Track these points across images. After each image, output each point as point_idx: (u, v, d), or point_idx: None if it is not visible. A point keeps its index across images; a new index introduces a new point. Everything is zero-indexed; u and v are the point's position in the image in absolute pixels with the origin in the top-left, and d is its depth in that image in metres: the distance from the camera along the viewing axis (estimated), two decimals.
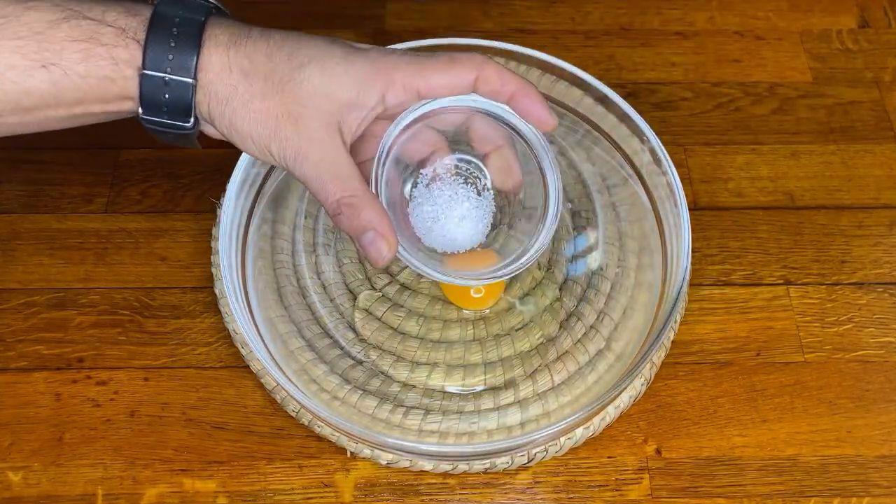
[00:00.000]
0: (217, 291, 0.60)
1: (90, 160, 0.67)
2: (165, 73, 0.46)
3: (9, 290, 0.62)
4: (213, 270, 0.61)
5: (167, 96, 0.46)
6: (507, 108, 0.51)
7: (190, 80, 0.46)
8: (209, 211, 0.65)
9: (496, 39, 0.63)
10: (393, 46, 0.62)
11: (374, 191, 0.49)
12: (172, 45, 0.46)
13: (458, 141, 0.54)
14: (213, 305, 0.61)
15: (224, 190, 0.59)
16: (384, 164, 0.50)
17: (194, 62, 0.46)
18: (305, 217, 0.63)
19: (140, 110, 0.47)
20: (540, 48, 0.62)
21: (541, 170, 0.53)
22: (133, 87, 0.46)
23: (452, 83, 0.49)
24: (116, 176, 0.67)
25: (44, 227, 0.64)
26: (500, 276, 0.53)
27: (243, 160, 0.58)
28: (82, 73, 0.45)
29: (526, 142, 0.52)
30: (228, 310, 0.58)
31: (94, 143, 0.68)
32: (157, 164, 0.67)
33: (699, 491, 0.55)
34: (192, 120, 0.47)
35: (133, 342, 0.60)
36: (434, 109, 0.51)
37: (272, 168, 0.61)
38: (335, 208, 0.47)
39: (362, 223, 0.47)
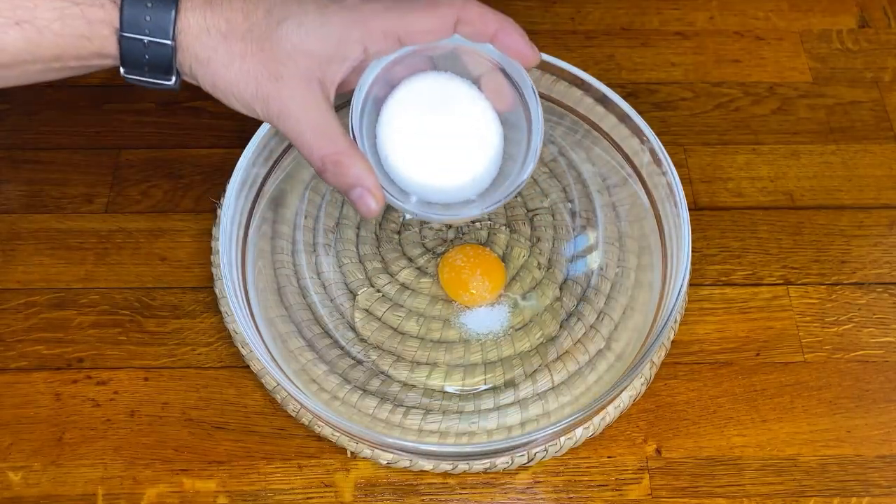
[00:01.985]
0: (217, 291, 0.60)
1: (90, 160, 0.67)
2: (144, 35, 0.45)
3: (9, 290, 0.62)
4: (213, 270, 0.61)
5: (147, 57, 0.46)
6: (489, 47, 0.50)
7: (169, 42, 0.46)
8: (209, 211, 0.65)
9: None
10: None
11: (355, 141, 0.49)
12: (149, 5, 0.45)
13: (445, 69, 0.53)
14: (213, 305, 0.61)
15: (224, 190, 0.59)
16: (362, 112, 0.50)
17: (172, 24, 0.45)
18: (305, 217, 0.63)
19: (122, 69, 0.47)
20: (540, 48, 0.62)
21: (525, 104, 0.52)
22: (111, 47, 0.46)
23: (433, 27, 0.48)
24: (116, 176, 0.67)
25: (44, 227, 0.64)
26: (492, 206, 0.52)
27: (243, 160, 0.58)
28: (57, 30, 0.45)
29: (509, 77, 0.52)
30: (228, 310, 0.58)
31: (94, 144, 0.68)
32: (157, 164, 0.67)
33: (699, 491, 0.55)
34: (173, 78, 0.47)
35: (133, 342, 0.60)
36: (414, 52, 0.50)
37: (272, 168, 0.61)
38: (320, 165, 0.47)
39: (349, 180, 0.47)
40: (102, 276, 0.62)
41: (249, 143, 0.59)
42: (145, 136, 0.69)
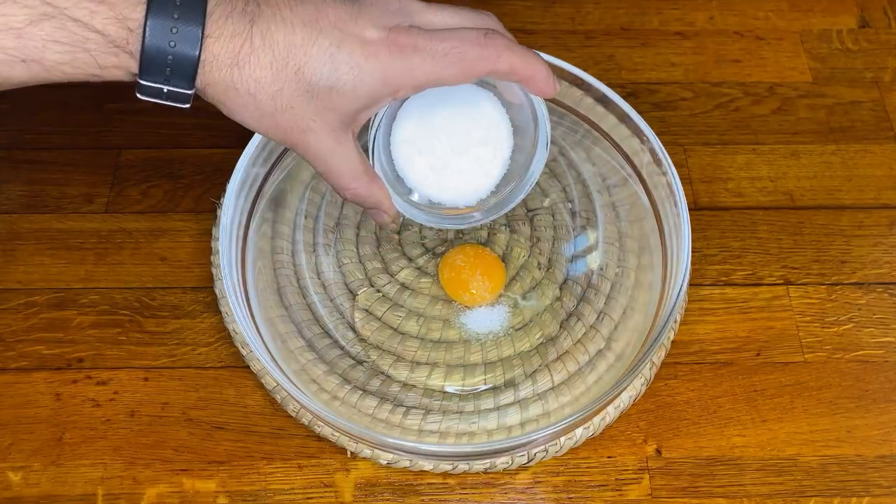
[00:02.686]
0: (217, 291, 0.60)
1: (90, 160, 0.67)
2: (163, 84, 0.44)
3: (9, 290, 0.62)
4: (213, 270, 0.61)
5: (165, 96, 0.45)
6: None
7: (190, 93, 0.45)
8: (209, 211, 0.65)
9: None
10: None
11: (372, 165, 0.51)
12: (170, 59, 0.43)
13: None
14: (213, 305, 0.61)
15: (224, 190, 0.59)
16: (378, 129, 0.51)
17: (194, 80, 0.44)
18: (305, 217, 0.63)
19: (138, 94, 0.45)
20: (540, 48, 0.62)
21: (533, 111, 0.53)
22: (127, 77, 0.44)
23: (463, 80, 0.48)
24: (117, 176, 0.67)
25: (44, 227, 0.64)
26: (505, 208, 0.54)
27: (243, 160, 0.59)
28: (67, 71, 0.43)
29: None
30: (228, 310, 0.58)
31: (94, 144, 0.68)
32: (157, 164, 0.67)
33: (699, 491, 0.55)
34: (189, 104, 0.46)
35: (133, 342, 0.60)
36: None
37: (272, 168, 0.61)
38: (342, 194, 0.51)
39: (368, 204, 0.51)
40: (102, 276, 0.62)
41: (249, 144, 0.59)
42: (145, 136, 0.69)
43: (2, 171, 0.67)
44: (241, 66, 0.44)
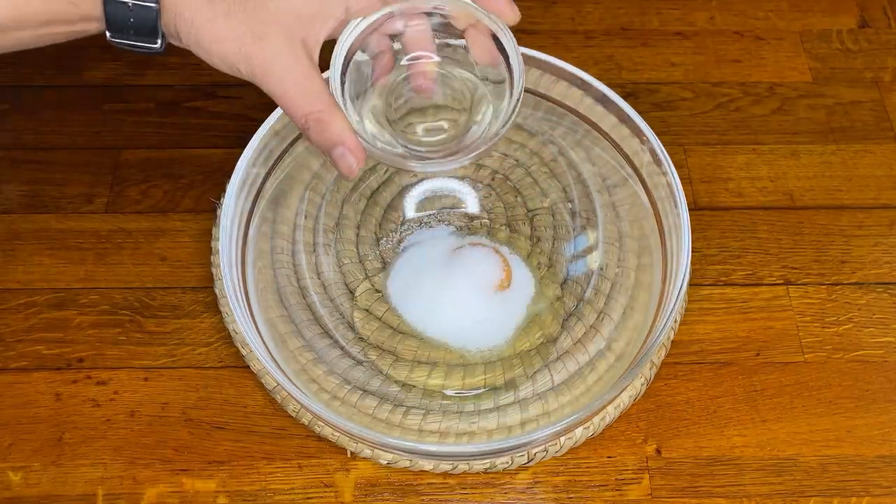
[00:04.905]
0: (217, 291, 0.60)
1: (90, 160, 0.67)
2: None
3: (9, 290, 0.62)
4: (213, 270, 0.61)
5: (132, 20, 0.46)
6: (469, 2, 0.51)
7: (153, 6, 0.46)
8: (209, 211, 0.65)
9: None
10: None
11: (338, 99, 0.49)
12: None
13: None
14: (213, 305, 0.61)
15: (224, 190, 0.59)
16: (343, 72, 0.50)
17: None
18: (305, 217, 0.63)
19: (107, 33, 0.47)
20: (540, 48, 0.62)
21: (507, 60, 0.52)
22: (97, 10, 0.46)
23: None
24: (116, 176, 0.67)
25: (44, 227, 0.64)
26: (475, 153, 0.52)
27: (243, 160, 0.58)
28: None
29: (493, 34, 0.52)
30: (228, 310, 0.58)
31: (94, 144, 0.68)
32: (157, 164, 0.67)
33: (699, 491, 0.55)
34: (158, 41, 0.47)
35: (133, 342, 0.60)
36: (394, 12, 0.51)
37: (272, 168, 0.61)
38: (303, 123, 0.48)
39: (331, 138, 0.48)
40: (102, 276, 0.62)
41: (249, 143, 0.59)
42: (145, 136, 0.69)
43: (2, 171, 0.67)
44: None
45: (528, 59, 0.63)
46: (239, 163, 0.58)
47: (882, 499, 0.55)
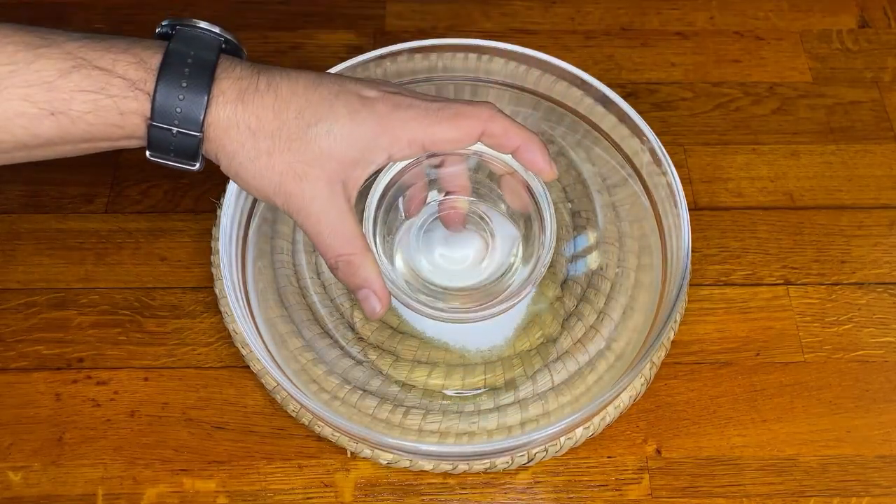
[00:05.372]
0: (217, 291, 0.60)
1: (90, 160, 0.66)
2: (173, 125, 0.47)
3: (9, 290, 0.62)
4: (213, 270, 0.61)
5: (173, 145, 0.47)
6: (508, 158, 0.53)
7: (197, 135, 0.47)
8: (209, 211, 0.65)
9: (496, 39, 0.64)
10: (395, 47, 0.62)
11: (370, 241, 0.52)
12: (181, 98, 0.46)
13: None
14: (213, 305, 0.61)
15: (224, 190, 0.59)
16: (377, 212, 0.54)
17: (202, 117, 0.47)
18: None
19: (147, 152, 0.48)
20: (540, 48, 0.62)
21: (538, 211, 0.55)
22: (140, 131, 0.47)
23: (458, 137, 0.50)
24: (116, 176, 0.67)
25: (44, 227, 0.64)
26: (502, 308, 0.55)
27: None
28: (91, 121, 0.46)
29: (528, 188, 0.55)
30: (228, 310, 0.58)
31: None
32: (157, 164, 0.67)
33: (699, 491, 0.55)
34: (197, 164, 0.49)
35: (133, 342, 0.60)
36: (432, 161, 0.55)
37: None
38: (333, 263, 0.50)
39: (358, 281, 0.50)
40: (102, 276, 0.62)
41: None
42: None
43: (2, 171, 0.66)
44: (245, 103, 0.47)
45: (528, 59, 0.63)
46: None
47: (882, 499, 0.55)
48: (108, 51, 0.46)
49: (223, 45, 0.48)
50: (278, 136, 0.47)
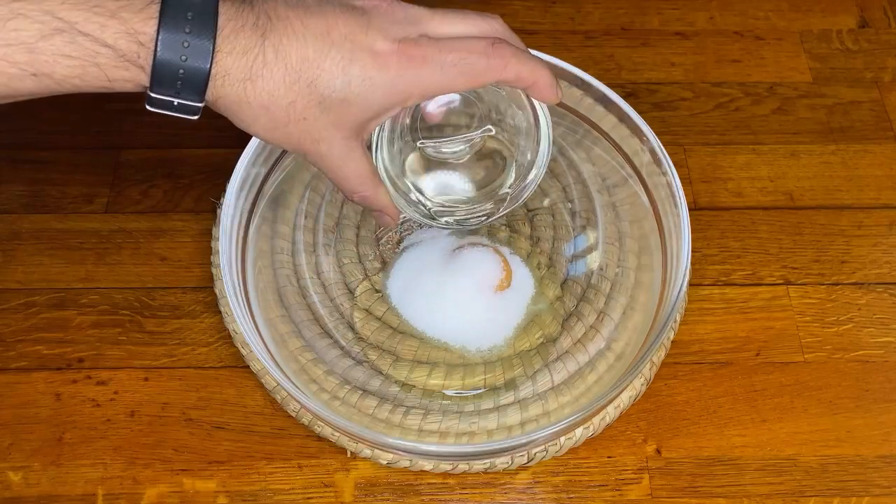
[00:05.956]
0: (217, 291, 0.60)
1: (90, 160, 0.67)
2: (175, 97, 0.44)
3: (9, 290, 0.62)
4: (213, 270, 0.61)
5: (176, 104, 0.45)
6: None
7: (200, 105, 0.45)
8: (209, 211, 0.65)
9: None
10: None
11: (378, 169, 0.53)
12: (181, 72, 0.43)
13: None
14: (213, 305, 0.61)
15: (224, 190, 0.59)
16: (391, 142, 0.54)
17: (206, 95, 0.44)
18: (305, 217, 0.63)
19: (147, 106, 0.45)
20: (540, 48, 0.62)
21: (535, 116, 0.54)
22: (137, 88, 0.45)
23: (471, 88, 0.50)
24: (116, 176, 0.67)
25: (44, 227, 0.64)
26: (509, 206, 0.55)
27: (243, 160, 0.58)
28: (78, 84, 0.44)
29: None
30: (228, 310, 0.58)
31: (94, 144, 0.68)
32: (157, 164, 0.67)
33: (699, 491, 0.55)
34: (200, 111, 0.46)
35: (133, 342, 0.60)
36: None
37: (272, 168, 0.61)
38: (352, 198, 0.52)
39: (374, 208, 0.53)
40: (102, 276, 0.62)
41: (249, 143, 0.59)
42: (145, 136, 0.69)
43: (2, 170, 0.67)
44: (253, 80, 0.45)
45: None
46: (239, 163, 0.58)
47: (882, 499, 0.55)
48: (94, 12, 0.42)
49: None
50: (292, 108, 0.46)
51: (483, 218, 0.57)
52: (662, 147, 0.59)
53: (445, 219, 0.56)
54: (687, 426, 0.58)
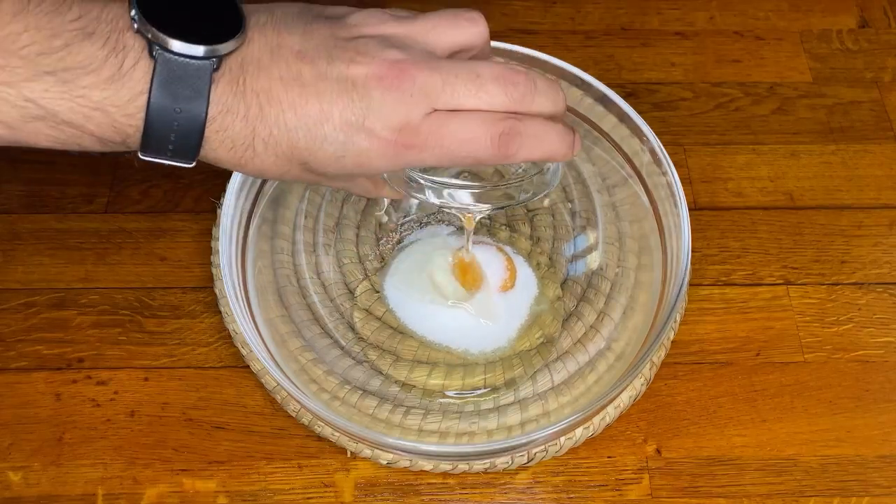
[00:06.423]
0: (217, 291, 0.60)
1: (90, 160, 0.67)
2: (164, 160, 0.45)
3: (9, 290, 0.62)
4: (213, 270, 0.61)
5: (170, 154, 0.45)
6: None
7: (191, 164, 0.45)
8: (209, 211, 0.65)
9: (496, 39, 0.63)
10: None
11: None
12: (171, 149, 0.43)
13: None
14: (213, 305, 0.61)
15: (224, 190, 0.59)
16: None
17: (194, 157, 0.44)
18: (305, 217, 0.63)
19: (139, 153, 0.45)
20: (540, 48, 0.62)
21: None
22: (126, 149, 0.44)
23: None
24: (116, 176, 0.67)
25: (44, 227, 0.64)
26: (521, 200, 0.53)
27: None
28: (56, 137, 0.43)
29: None
30: (228, 310, 0.58)
31: None
32: (156, 164, 0.67)
33: (699, 491, 0.55)
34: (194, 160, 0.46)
35: (133, 342, 0.60)
36: None
37: None
38: (358, 195, 0.55)
39: (373, 196, 0.57)
40: (102, 276, 0.62)
41: None
42: None
43: (2, 171, 0.67)
44: (244, 165, 0.45)
45: (528, 60, 0.63)
46: None
47: (882, 499, 0.55)
48: (77, 103, 0.41)
49: (214, 67, 0.42)
50: (287, 174, 0.46)
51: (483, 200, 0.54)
52: (662, 147, 0.59)
53: (448, 191, 0.53)
54: (687, 426, 0.58)
